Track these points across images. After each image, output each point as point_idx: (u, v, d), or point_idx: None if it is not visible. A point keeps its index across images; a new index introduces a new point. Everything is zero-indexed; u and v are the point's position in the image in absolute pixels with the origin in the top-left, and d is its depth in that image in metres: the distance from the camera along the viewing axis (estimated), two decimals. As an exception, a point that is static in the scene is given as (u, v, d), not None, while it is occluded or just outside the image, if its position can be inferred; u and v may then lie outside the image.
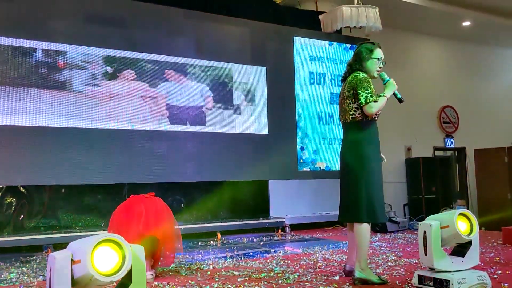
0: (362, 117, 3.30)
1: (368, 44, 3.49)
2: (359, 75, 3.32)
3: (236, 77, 6.83)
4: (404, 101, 3.45)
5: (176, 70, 6.40)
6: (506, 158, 8.14)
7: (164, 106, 6.26)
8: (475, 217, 2.91)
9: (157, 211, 3.59)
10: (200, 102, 6.52)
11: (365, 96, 3.22)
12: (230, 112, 6.72)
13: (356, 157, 3.31)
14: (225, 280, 3.38)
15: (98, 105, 5.82)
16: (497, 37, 10.22)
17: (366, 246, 3.25)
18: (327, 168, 7.50)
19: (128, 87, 6.05)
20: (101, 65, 5.89)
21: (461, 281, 2.74)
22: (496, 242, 4.99)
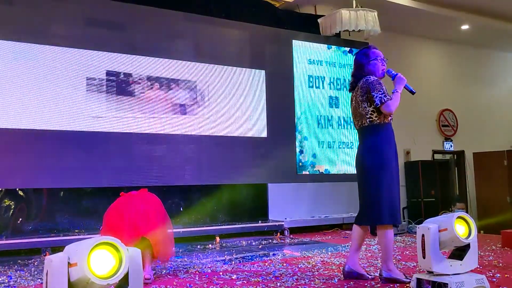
0: (379, 119, 3.35)
1: (362, 49, 3.56)
2: (369, 79, 3.37)
3: (235, 80, 6.83)
4: (416, 93, 3.49)
5: (176, 73, 6.40)
6: (505, 161, 8.15)
7: (163, 109, 6.26)
8: (473, 220, 2.90)
9: (147, 213, 3.54)
10: (200, 105, 6.52)
11: (379, 97, 3.28)
12: (229, 115, 6.72)
13: (377, 160, 3.32)
14: (223, 284, 3.37)
15: (97, 108, 5.82)
16: (496, 41, 10.24)
17: (391, 247, 3.32)
18: (326, 171, 7.50)
19: (127, 90, 6.05)
20: (100, 68, 5.89)
21: (459, 285, 2.73)
22: (495, 246, 4.98)
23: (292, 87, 7.30)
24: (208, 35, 6.74)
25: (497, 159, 8.24)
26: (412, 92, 3.48)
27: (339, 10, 7.25)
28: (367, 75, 3.42)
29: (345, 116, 7.77)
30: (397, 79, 3.40)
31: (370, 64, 3.44)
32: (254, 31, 7.13)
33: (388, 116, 3.36)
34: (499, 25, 9.27)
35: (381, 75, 3.46)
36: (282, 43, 7.33)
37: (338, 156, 7.62)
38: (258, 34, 7.16)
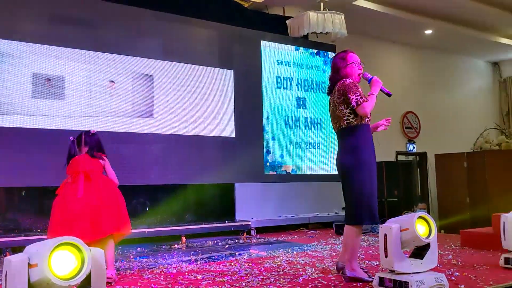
0: (356, 121, 3.43)
1: (340, 53, 3.66)
2: (346, 81, 3.46)
3: (203, 79, 6.80)
4: (392, 95, 3.60)
5: (143, 71, 6.32)
6: (465, 163, 8.40)
7: (130, 108, 6.18)
8: (433, 220, 2.98)
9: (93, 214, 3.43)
10: (167, 104, 6.46)
11: (355, 99, 3.36)
12: (197, 115, 6.69)
13: (355, 160, 3.40)
14: (188, 284, 3.36)
15: (60, 105, 5.69)
16: (458, 46, 10.56)
17: (358, 247, 3.44)
18: (293, 171, 7.57)
19: (94, 87, 5.94)
20: (65, 65, 5.76)
21: (419, 283, 2.81)
22: (455, 245, 5.13)
23: (260, 87, 7.33)
24: (176, 33, 6.68)
25: (458, 161, 8.49)
26: (388, 94, 3.58)
27: (307, 12, 7.32)
28: (343, 78, 3.50)
29: (312, 117, 7.86)
30: (373, 82, 3.52)
31: (347, 67, 3.54)
32: (223, 31, 7.12)
33: (365, 117, 3.44)
34: (461, 30, 9.56)
35: (357, 78, 3.55)
36: (250, 43, 7.35)
37: (305, 156, 7.70)
38: (227, 33, 7.16)
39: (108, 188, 3.62)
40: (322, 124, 7.95)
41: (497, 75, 12.14)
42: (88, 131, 3.88)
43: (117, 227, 3.52)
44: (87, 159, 3.68)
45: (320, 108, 7.97)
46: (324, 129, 7.96)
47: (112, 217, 3.49)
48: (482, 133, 9.51)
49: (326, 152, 7.94)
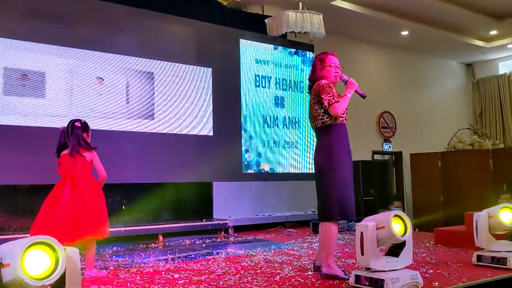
0: (330, 120, 3.51)
1: (320, 54, 3.74)
2: (321, 82, 3.56)
3: (181, 77, 6.75)
4: (366, 96, 3.66)
5: (120, 68, 6.24)
6: (439, 162, 8.56)
7: (105, 105, 6.09)
8: (409, 219, 3.03)
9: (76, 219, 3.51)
10: (143, 101, 6.40)
11: (328, 99, 3.45)
12: (174, 113, 6.64)
13: (327, 160, 3.48)
14: (165, 283, 3.33)
15: (33, 102, 5.57)
16: (433, 48, 10.75)
17: (334, 244, 3.46)
18: (271, 170, 7.58)
19: (68, 85, 5.83)
20: (39, 61, 5.64)
21: (395, 280, 2.85)
22: (429, 243, 5.22)
23: (239, 85, 7.32)
24: (154, 30, 6.62)
25: (432, 160, 8.64)
26: (363, 96, 3.65)
27: (286, 12, 7.34)
28: (320, 79, 3.59)
29: (290, 116, 7.89)
30: (348, 83, 3.60)
31: (324, 69, 3.62)
32: (201, 28, 7.08)
33: (339, 117, 3.50)
34: (436, 32, 9.73)
35: (333, 80, 3.62)
36: (229, 42, 7.33)
37: (283, 155, 7.72)
38: (205, 31, 7.12)
39: (92, 193, 3.66)
40: (300, 123, 7.99)
41: (471, 76, 12.40)
42: (75, 120, 3.86)
43: (96, 231, 3.59)
44: (71, 159, 3.71)
45: (298, 107, 8.01)
46: (302, 128, 7.99)
47: (93, 222, 3.57)
48: (455, 133, 9.70)
49: (303, 151, 7.98)
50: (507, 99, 11.54)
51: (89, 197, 3.63)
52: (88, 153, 3.78)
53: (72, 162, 3.71)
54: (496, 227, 3.74)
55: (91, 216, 3.57)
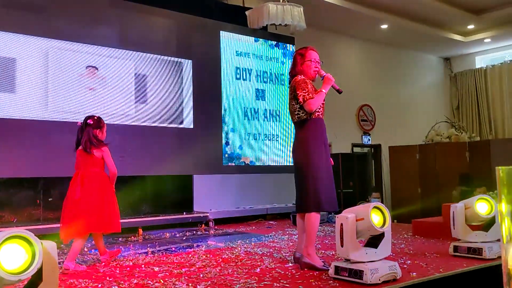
0: (306, 115, 3.58)
1: (301, 49, 3.80)
2: (297, 78, 3.63)
3: (161, 69, 6.69)
4: (342, 92, 3.72)
5: (99, 60, 6.15)
6: (417, 155, 8.68)
7: (85, 97, 5.99)
8: (388, 210, 3.07)
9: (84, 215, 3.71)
10: (123, 94, 6.32)
11: (302, 95, 3.53)
12: (154, 105, 6.57)
13: (303, 153, 3.58)
14: (145, 276, 3.31)
15: (11, 94, 5.45)
16: (412, 42, 10.86)
17: (314, 234, 3.52)
18: (251, 163, 7.58)
19: (46, 76, 5.72)
20: (17, 51, 5.51)
21: (374, 271, 2.88)
22: (407, 234, 5.30)
23: (220, 78, 7.28)
24: (133, 21, 6.52)
25: (410, 152, 8.76)
26: (339, 91, 3.71)
27: (267, 4, 7.32)
28: (298, 73, 3.66)
29: (271, 109, 7.89)
30: (325, 79, 3.66)
31: (304, 64, 3.68)
32: (182, 20, 7.00)
33: (314, 112, 3.56)
34: (415, 26, 9.83)
35: (312, 75, 3.69)
36: (209, 34, 7.27)
37: (263, 148, 7.72)
38: (186, 23, 7.05)
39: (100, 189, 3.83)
40: (281, 116, 8.00)
41: (448, 70, 12.58)
42: (89, 117, 4.02)
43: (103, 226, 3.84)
44: (84, 155, 3.88)
45: (278, 100, 8.01)
46: (283, 121, 8.01)
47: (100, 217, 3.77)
48: (433, 126, 9.84)
49: (284, 144, 8.00)
50: (483, 92, 11.76)
51: (97, 194, 3.78)
52: (99, 150, 3.90)
53: (84, 158, 3.86)
54: (472, 218, 3.82)
55: (99, 211, 3.74)
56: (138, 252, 4.44)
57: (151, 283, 3.09)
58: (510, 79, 11.29)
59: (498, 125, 11.43)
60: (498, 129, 11.42)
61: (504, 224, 1.08)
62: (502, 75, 11.48)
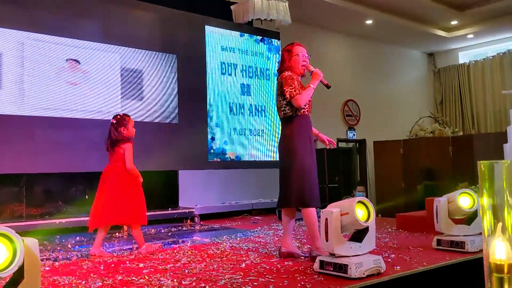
0: (292, 112, 3.61)
1: (287, 46, 3.81)
2: (284, 74, 3.65)
3: (146, 64, 6.63)
4: (331, 87, 3.77)
5: (83, 54, 6.07)
6: (401, 150, 8.76)
7: (68, 91, 5.92)
8: (372, 205, 3.09)
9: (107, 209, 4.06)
10: (107, 88, 6.25)
11: (289, 91, 3.55)
12: (139, 100, 6.52)
13: (287, 150, 3.62)
14: (129, 272, 3.29)
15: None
16: (397, 37, 10.92)
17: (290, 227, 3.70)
18: (237, 158, 7.58)
19: (28, 70, 5.63)
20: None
21: (358, 265, 2.90)
22: (391, 228, 5.35)
23: (205, 73, 7.25)
24: (117, 15, 6.45)
25: (394, 147, 8.84)
26: (328, 86, 3.76)
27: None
28: (287, 70, 3.67)
29: (256, 104, 7.88)
30: (313, 74, 3.69)
31: (292, 59, 3.70)
32: (166, 14, 6.95)
33: (300, 108, 3.58)
34: (400, 21, 9.89)
35: (301, 70, 3.71)
36: (194, 28, 7.23)
37: (249, 143, 7.72)
38: (170, 17, 6.99)
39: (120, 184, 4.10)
40: (266, 111, 8.00)
41: (432, 65, 12.69)
42: (114, 116, 4.30)
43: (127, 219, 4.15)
44: (110, 152, 4.23)
45: (264, 95, 8.00)
46: (268, 116, 8.01)
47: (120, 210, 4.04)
48: (417, 121, 9.95)
49: (269, 139, 8.00)
50: (466, 88, 11.89)
51: (117, 188, 4.04)
52: (119, 147, 4.15)
53: (110, 154, 4.23)
54: (455, 212, 3.87)
55: (117, 204, 4.01)
56: (123, 248, 4.41)
57: (135, 279, 3.07)
58: (492, 75, 11.44)
59: (481, 120, 11.58)
60: (481, 124, 11.57)
61: (486, 217, 1.09)
62: (484, 71, 11.63)
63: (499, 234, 1.11)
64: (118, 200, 4.03)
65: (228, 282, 2.90)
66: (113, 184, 4.08)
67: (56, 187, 6.05)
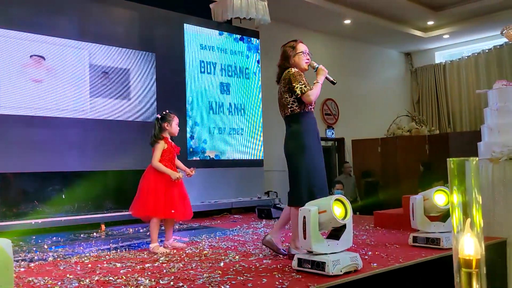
0: (299, 109, 3.60)
1: (290, 42, 3.79)
2: (291, 71, 3.61)
3: (124, 62, 6.56)
4: (336, 83, 3.83)
5: (59, 51, 5.97)
6: (379, 148, 8.88)
7: (44, 90, 5.82)
8: (349, 203, 3.12)
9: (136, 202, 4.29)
10: (85, 87, 6.17)
11: (300, 87, 3.52)
12: (117, 98, 6.45)
13: (297, 147, 3.58)
14: (106, 273, 3.25)
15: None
16: (374, 37, 11.05)
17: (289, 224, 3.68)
18: (216, 157, 7.56)
19: (1, 68, 5.51)
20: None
21: (335, 263, 2.93)
22: (369, 226, 5.41)
23: (184, 71, 7.21)
24: (94, 13, 6.37)
25: (372, 145, 8.96)
26: (333, 82, 3.79)
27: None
28: (291, 66, 3.65)
29: (236, 102, 7.88)
30: (318, 70, 3.70)
31: (296, 56, 3.69)
32: (145, 12, 6.89)
33: (308, 105, 3.61)
34: (377, 21, 10.01)
35: (304, 67, 3.71)
36: (173, 26, 7.18)
37: (228, 142, 7.71)
38: (149, 15, 6.94)
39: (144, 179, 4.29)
40: (246, 110, 8.00)
41: (409, 65, 12.88)
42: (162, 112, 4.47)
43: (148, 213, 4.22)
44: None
45: (243, 94, 8.01)
46: (248, 115, 8.02)
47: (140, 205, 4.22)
48: (394, 120, 10.08)
49: (249, 138, 8.01)
50: (442, 87, 12.10)
51: (149, 184, 4.21)
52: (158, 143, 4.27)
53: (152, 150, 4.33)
54: (431, 209, 3.93)
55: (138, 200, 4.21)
56: (100, 248, 4.36)
57: (112, 279, 3.05)
58: (467, 74, 11.66)
59: (456, 118, 11.80)
60: (456, 122, 11.79)
61: (455, 214, 1.12)
62: (460, 70, 11.85)
63: (468, 230, 1.14)
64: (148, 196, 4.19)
65: (206, 281, 2.89)
66: (147, 180, 4.25)
67: (32, 187, 5.95)
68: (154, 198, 4.17)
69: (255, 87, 8.16)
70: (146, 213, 4.22)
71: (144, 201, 4.18)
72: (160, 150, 4.24)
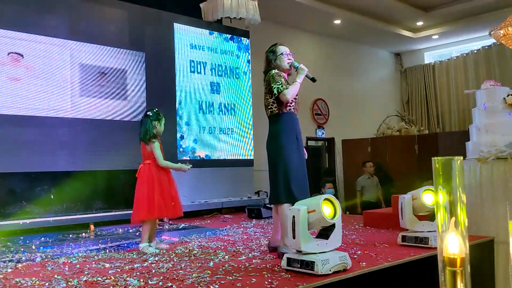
0: (278, 110, 3.69)
1: (270, 47, 3.94)
2: (271, 72, 3.74)
3: (113, 61, 6.52)
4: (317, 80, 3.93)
5: (48, 51, 5.92)
6: (369, 148, 8.93)
7: (33, 89, 5.77)
8: (338, 202, 3.13)
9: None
10: (74, 86, 6.12)
11: (277, 87, 3.62)
12: (106, 97, 6.41)
13: (275, 147, 3.68)
14: (95, 273, 3.24)
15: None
16: (364, 37, 11.09)
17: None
18: (206, 156, 7.55)
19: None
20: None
21: (324, 262, 2.94)
22: (358, 225, 5.44)
23: (174, 71, 7.18)
24: (83, 12, 6.32)
25: (362, 145, 9.00)
26: (313, 79, 3.86)
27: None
28: (275, 68, 3.77)
29: (226, 102, 7.87)
30: (298, 69, 3.80)
31: (277, 59, 3.82)
32: (134, 11, 6.85)
33: (287, 106, 3.68)
34: (367, 22, 10.04)
35: (287, 67, 3.82)
36: (163, 26, 7.15)
37: (218, 142, 7.70)
38: (139, 14, 6.90)
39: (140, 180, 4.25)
40: (236, 110, 7.99)
41: (399, 65, 12.94)
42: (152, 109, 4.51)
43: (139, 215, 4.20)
44: (141, 148, 4.37)
45: (233, 93, 7.99)
46: (238, 114, 8.01)
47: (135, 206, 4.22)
48: (384, 120, 10.14)
49: (239, 138, 8.00)
50: (432, 87, 12.18)
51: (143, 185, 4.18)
52: (148, 145, 4.26)
53: (142, 151, 4.36)
54: (419, 209, 3.96)
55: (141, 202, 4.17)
56: (89, 249, 4.34)
57: (101, 279, 3.03)
58: (456, 75, 11.75)
59: (445, 118, 11.88)
60: (445, 123, 11.88)
61: (440, 213, 1.13)
62: (449, 71, 11.93)
63: (452, 229, 1.15)
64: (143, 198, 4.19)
65: (195, 281, 2.89)
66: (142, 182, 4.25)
67: (20, 187, 5.89)
68: (147, 201, 4.19)
69: (245, 87, 8.16)
70: (140, 218, 4.23)
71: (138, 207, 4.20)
72: (159, 149, 4.28)
